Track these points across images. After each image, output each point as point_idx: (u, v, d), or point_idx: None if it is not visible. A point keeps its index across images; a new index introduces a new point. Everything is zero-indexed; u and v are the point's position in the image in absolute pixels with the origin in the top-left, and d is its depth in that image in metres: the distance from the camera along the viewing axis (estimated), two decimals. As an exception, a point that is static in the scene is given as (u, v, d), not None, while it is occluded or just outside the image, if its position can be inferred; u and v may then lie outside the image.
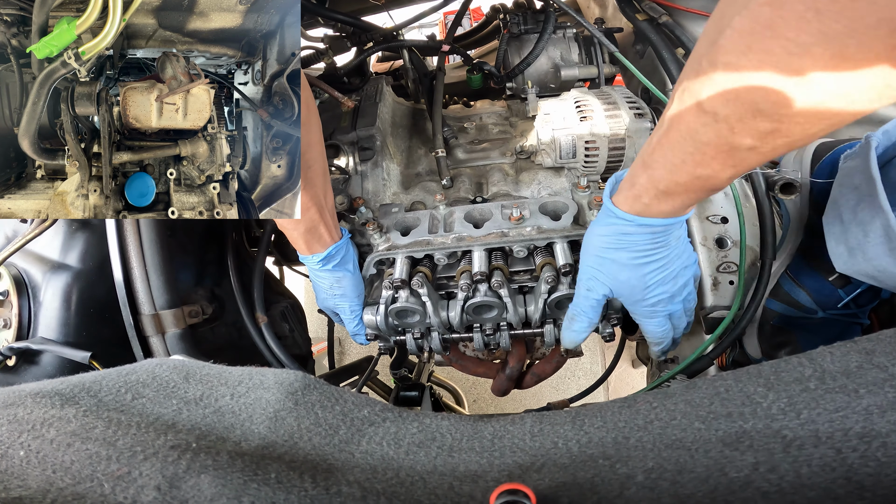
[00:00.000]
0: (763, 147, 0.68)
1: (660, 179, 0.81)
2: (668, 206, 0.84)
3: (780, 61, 0.57)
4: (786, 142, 0.66)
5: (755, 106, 0.63)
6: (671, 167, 0.78)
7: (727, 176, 0.75)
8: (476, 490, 0.58)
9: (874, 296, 1.16)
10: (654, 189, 0.83)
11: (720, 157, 0.72)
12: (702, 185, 0.78)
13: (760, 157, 0.71)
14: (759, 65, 0.59)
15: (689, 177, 0.77)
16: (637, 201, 0.86)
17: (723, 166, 0.73)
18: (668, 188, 0.81)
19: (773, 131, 0.65)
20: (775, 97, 0.60)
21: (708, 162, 0.73)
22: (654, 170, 0.81)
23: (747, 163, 0.72)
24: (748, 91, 0.62)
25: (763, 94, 0.61)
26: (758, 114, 0.63)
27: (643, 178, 0.83)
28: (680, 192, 0.81)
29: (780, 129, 0.64)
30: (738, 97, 0.64)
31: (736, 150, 0.70)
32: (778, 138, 0.66)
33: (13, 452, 0.59)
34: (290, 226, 1.05)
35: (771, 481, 0.51)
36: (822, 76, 0.56)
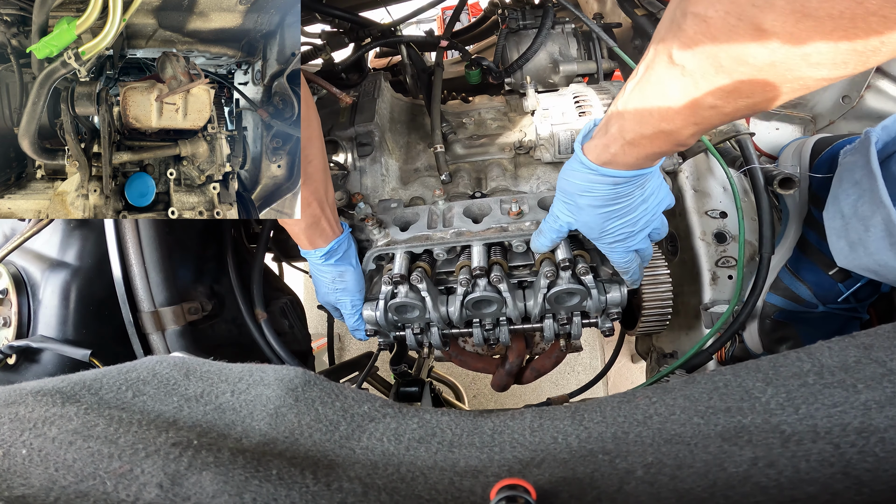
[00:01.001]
0: (725, 107, 0.67)
1: (628, 130, 0.80)
2: (632, 158, 0.84)
3: (743, 13, 0.56)
4: (747, 103, 0.66)
5: (717, 61, 0.62)
6: (639, 118, 0.78)
7: (689, 133, 0.75)
8: (476, 485, 0.59)
9: (874, 290, 1.16)
10: (621, 139, 0.82)
11: (684, 112, 0.71)
12: (665, 138, 0.78)
13: (723, 117, 0.70)
14: (725, 17, 0.58)
15: (653, 129, 0.77)
16: (605, 150, 0.85)
17: (685, 123, 0.73)
18: (633, 139, 0.81)
19: (734, 91, 0.64)
20: (735, 52, 0.59)
21: (672, 116, 0.73)
22: (624, 119, 0.81)
23: (710, 122, 0.72)
24: (712, 45, 0.61)
25: (725, 50, 0.60)
26: (720, 70, 0.63)
27: (615, 126, 0.83)
28: (645, 145, 0.81)
29: (740, 88, 0.63)
30: (704, 51, 0.63)
31: (698, 107, 0.69)
32: (739, 98, 0.65)
33: (15, 451, 0.59)
34: (291, 221, 1.05)
35: (769, 476, 0.51)
36: (781, 32, 0.54)
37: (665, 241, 1.43)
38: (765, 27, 0.55)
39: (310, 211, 1.04)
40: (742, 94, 0.64)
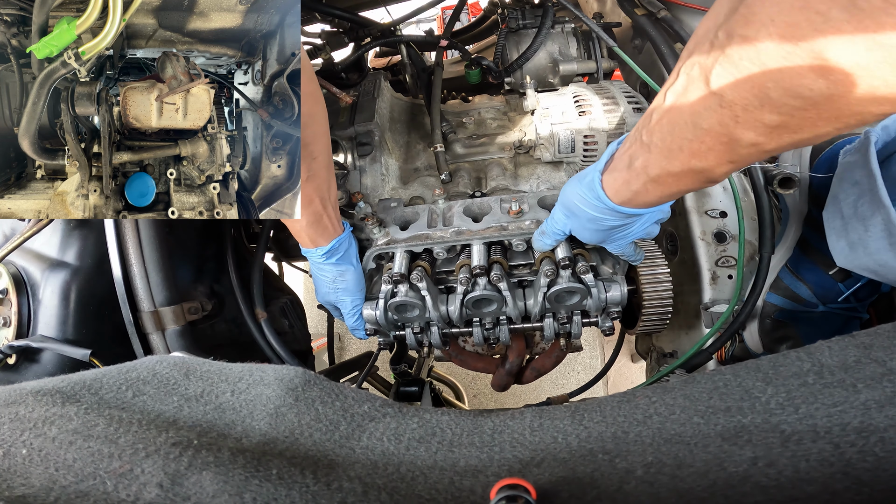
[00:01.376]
0: (767, 144, 0.60)
1: (653, 165, 0.74)
2: (654, 196, 0.79)
3: (804, 39, 0.49)
4: (792, 140, 0.59)
5: (764, 92, 0.55)
6: (667, 152, 0.71)
7: (724, 171, 0.68)
8: (476, 485, 0.59)
9: (874, 290, 1.16)
10: (645, 175, 0.76)
11: (718, 148, 0.64)
12: (694, 177, 0.72)
13: (762, 155, 0.63)
14: (780, 42, 0.51)
15: (682, 167, 0.70)
16: (626, 187, 0.80)
17: (719, 160, 0.66)
18: (658, 176, 0.74)
19: (780, 126, 0.57)
20: (789, 83, 0.52)
21: (705, 153, 0.66)
22: (650, 153, 0.74)
23: (748, 160, 0.65)
24: (762, 74, 0.54)
25: (776, 80, 0.53)
26: (766, 102, 0.55)
27: (640, 160, 0.76)
28: (670, 183, 0.75)
29: (788, 124, 0.56)
30: (750, 80, 0.55)
31: (737, 144, 0.62)
32: (784, 134, 0.58)
33: (15, 451, 0.59)
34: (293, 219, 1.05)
35: (769, 476, 0.51)
36: (848, 62, 0.48)
37: (665, 240, 1.43)
38: (827, 55, 0.48)
39: (312, 208, 1.03)
40: (789, 129, 0.57)
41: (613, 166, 0.82)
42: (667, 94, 0.68)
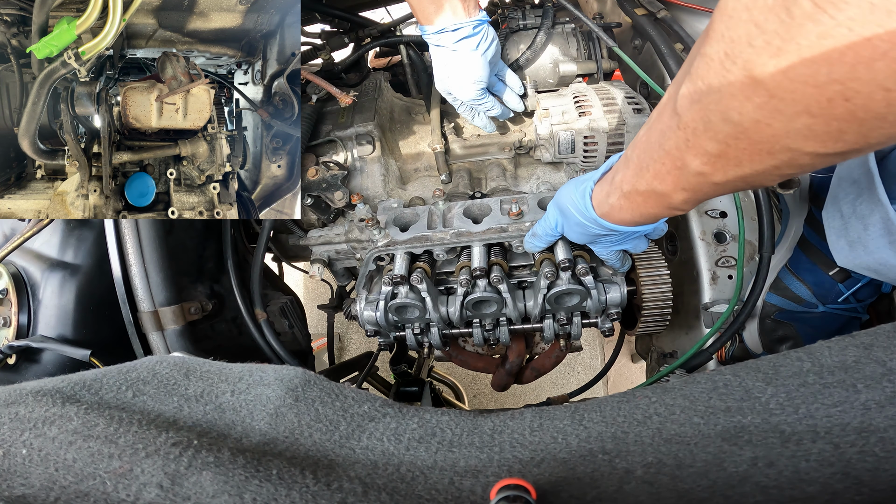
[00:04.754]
0: (714, 175, 0.57)
1: (627, 181, 0.73)
2: (627, 214, 0.77)
3: (739, 54, 0.45)
4: (738, 174, 0.55)
5: (707, 115, 0.52)
6: (638, 170, 0.69)
7: (681, 199, 0.66)
8: (476, 485, 0.59)
9: (874, 290, 1.16)
10: (619, 190, 0.75)
11: (674, 173, 0.62)
12: (657, 200, 0.69)
13: (714, 188, 0.60)
14: (723, 58, 0.47)
15: (646, 186, 0.68)
16: (605, 200, 0.80)
17: (675, 186, 0.64)
18: (628, 192, 0.73)
19: (721, 155, 0.54)
20: (723, 105, 0.49)
21: (664, 176, 0.64)
22: (628, 168, 0.72)
23: (700, 190, 0.62)
24: (707, 94, 0.51)
25: (715, 101, 0.50)
26: (708, 127, 0.52)
27: (620, 174, 0.75)
28: (639, 202, 0.73)
29: (727, 153, 0.53)
30: (700, 101, 0.52)
31: (686, 171, 0.60)
32: (728, 167, 0.54)
33: (15, 451, 0.59)
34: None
35: (769, 476, 0.51)
36: (771, 82, 0.44)
37: (665, 241, 1.43)
38: (755, 73, 0.44)
39: None
40: (730, 160, 0.53)
41: (605, 177, 0.82)
42: (655, 111, 0.66)
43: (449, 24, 1.01)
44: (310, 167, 1.19)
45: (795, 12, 0.39)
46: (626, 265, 1.05)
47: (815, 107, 0.43)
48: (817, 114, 0.43)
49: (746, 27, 0.44)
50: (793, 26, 0.40)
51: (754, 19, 0.43)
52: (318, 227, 1.30)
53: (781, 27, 0.41)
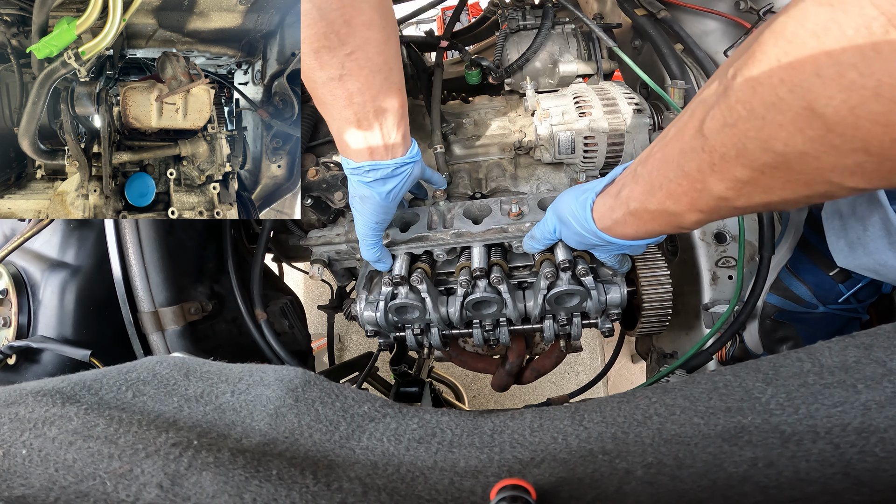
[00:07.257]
0: (736, 200, 0.56)
1: (634, 198, 0.72)
2: (632, 230, 0.77)
3: (798, 85, 0.43)
4: (762, 200, 0.54)
5: (742, 142, 0.50)
6: (649, 188, 0.68)
7: (693, 220, 0.65)
8: (476, 485, 0.59)
9: (874, 291, 1.16)
10: (626, 206, 0.74)
11: (692, 194, 0.61)
12: (667, 219, 0.68)
13: (732, 211, 0.60)
14: (777, 85, 0.45)
15: (657, 206, 0.68)
16: (608, 215, 0.80)
17: (690, 207, 0.63)
18: (636, 210, 0.72)
19: (750, 182, 0.53)
20: (767, 133, 0.47)
21: (679, 196, 0.63)
22: (636, 185, 0.71)
23: (717, 213, 0.62)
24: (747, 120, 0.49)
25: (758, 128, 0.48)
26: (741, 154, 0.51)
27: (626, 190, 0.74)
28: (646, 220, 0.72)
29: (757, 180, 0.52)
30: (735, 126, 0.50)
31: (706, 194, 0.59)
32: (754, 193, 0.54)
33: (15, 451, 0.59)
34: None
35: (769, 476, 0.51)
36: (834, 116, 0.41)
37: (665, 241, 1.43)
38: (817, 106, 0.42)
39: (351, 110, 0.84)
40: (759, 187, 0.53)
41: (608, 190, 0.81)
42: (671, 127, 0.65)
43: (366, 164, 0.92)
44: (310, 167, 1.19)
45: (884, 49, 0.37)
46: (626, 266, 1.06)
47: (876, 146, 0.41)
48: (875, 153, 0.42)
49: (814, 56, 0.41)
50: (877, 61, 0.38)
51: (826, 49, 0.40)
52: (318, 228, 1.30)
53: (863, 61, 0.38)
